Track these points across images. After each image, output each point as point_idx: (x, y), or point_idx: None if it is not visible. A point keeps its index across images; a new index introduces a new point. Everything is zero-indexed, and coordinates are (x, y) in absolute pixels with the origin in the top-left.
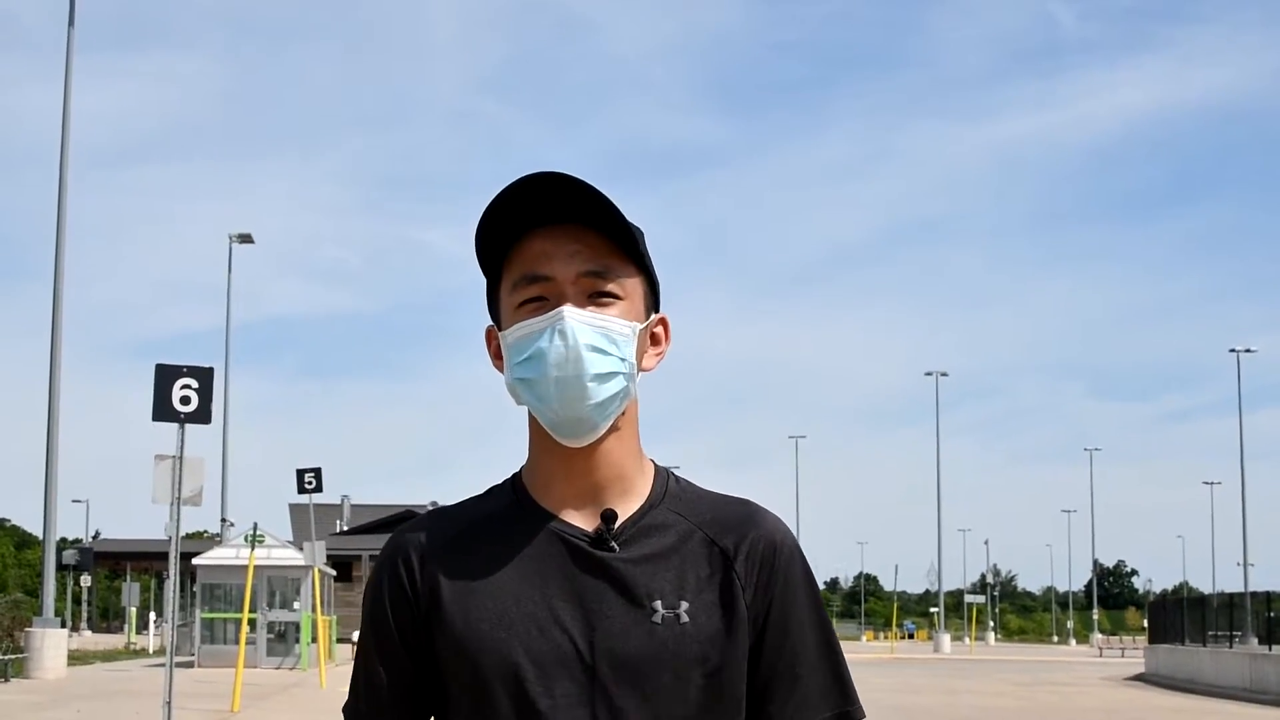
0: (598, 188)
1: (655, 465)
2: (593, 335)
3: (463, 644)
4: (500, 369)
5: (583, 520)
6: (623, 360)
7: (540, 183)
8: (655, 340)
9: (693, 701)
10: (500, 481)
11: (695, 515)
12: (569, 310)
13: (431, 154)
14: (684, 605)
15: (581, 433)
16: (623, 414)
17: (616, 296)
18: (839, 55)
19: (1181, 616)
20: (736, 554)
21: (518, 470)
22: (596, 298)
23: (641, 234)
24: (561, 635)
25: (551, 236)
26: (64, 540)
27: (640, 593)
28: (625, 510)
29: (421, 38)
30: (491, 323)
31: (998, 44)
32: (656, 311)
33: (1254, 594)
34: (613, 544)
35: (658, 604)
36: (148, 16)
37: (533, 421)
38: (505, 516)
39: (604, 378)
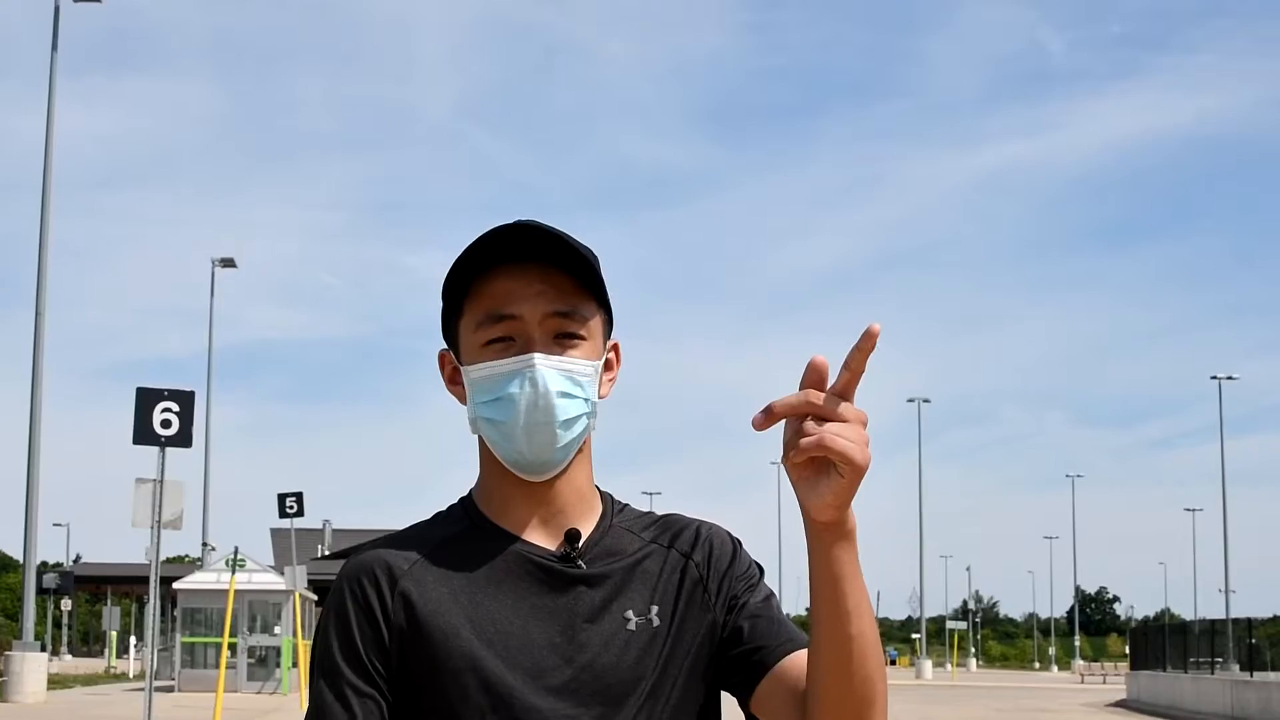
0: (562, 230)
1: (598, 488)
2: (561, 381)
3: (444, 667)
4: (456, 395)
5: (545, 540)
6: (586, 400)
7: (510, 230)
8: (608, 366)
9: (673, 704)
10: (446, 507)
11: (647, 531)
12: (539, 358)
13: (417, 179)
14: (655, 610)
15: (545, 472)
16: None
17: (581, 337)
18: (828, 82)
19: (1163, 643)
20: (693, 554)
21: (466, 495)
22: (562, 339)
23: (597, 260)
24: (541, 653)
25: (517, 275)
26: (44, 564)
27: (613, 606)
28: (585, 530)
29: (408, 63)
30: (446, 348)
31: (987, 72)
32: (609, 338)
33: (1235, 620)
34: (580, 562)
35: (630, 614)
36: (133, 41)
37: (488, 448)
38: (466, 539)
39: (571, 422)
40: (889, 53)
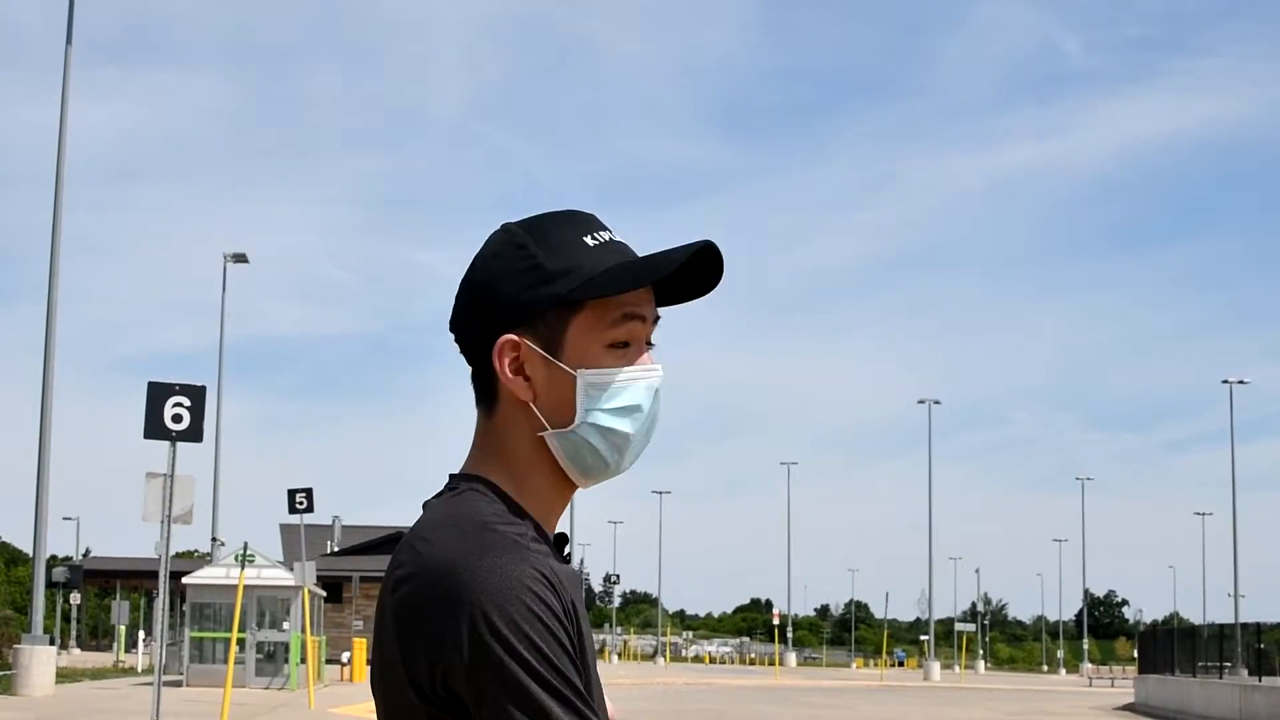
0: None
1: None
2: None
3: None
4: (518, 389)
5: None
6: None
7: (704, 252)
8: None
9: None
10: (494, 501)
11: None
12: (660, 371)
13: (430, 175)
14: None
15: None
16: None
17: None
18: (841, 82)
19: (1172, 647)
20: None
21: (486, 484)
22: (648, 346)
23: None
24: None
25: None
26: (54, 558)
27: None
28: None
29: (422, 60)
30: (513, 335)
31: (1002, 73)
32: None
33: (1244, 625)
34: None
35: None
36: (148, 35)
37: (548, 453)
38: (545, 547)
39: None
40: (902, 53)
